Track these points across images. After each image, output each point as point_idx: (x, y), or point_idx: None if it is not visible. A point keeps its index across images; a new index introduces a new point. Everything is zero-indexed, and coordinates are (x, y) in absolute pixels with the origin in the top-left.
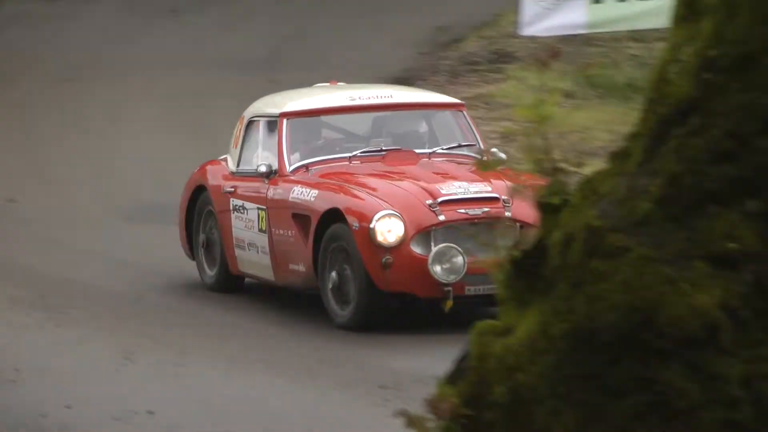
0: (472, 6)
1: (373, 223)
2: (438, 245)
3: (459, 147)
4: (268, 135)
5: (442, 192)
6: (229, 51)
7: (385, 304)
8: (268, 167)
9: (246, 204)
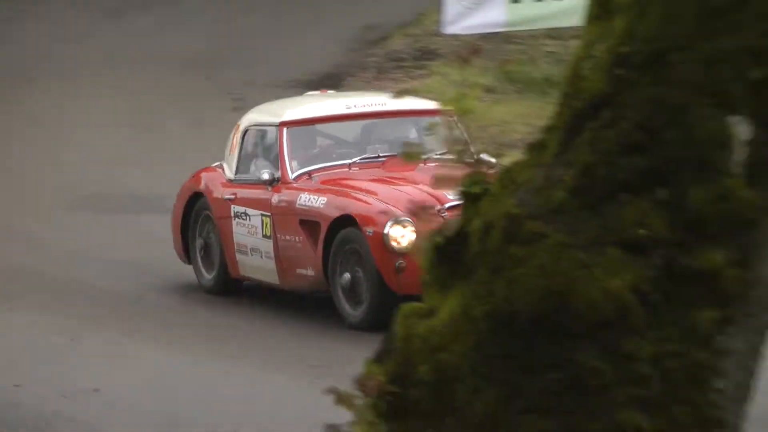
0: (397, 6)
1: (387, 229)
2: None
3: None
4: (266, 143)
5: (449, 198)
6: (171, 50)
7: (397, 304)
8: (270, 175)
9: (248, 210)
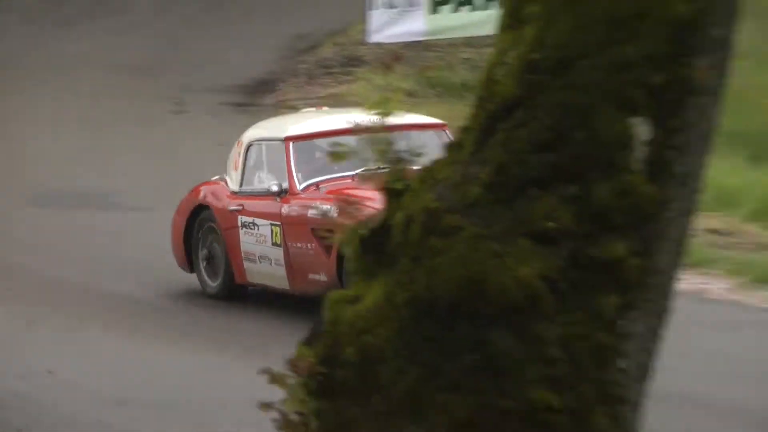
0: (326, 16)
1: None
2: None
3: None
4: (270, 157)
5: None
6: (118, 57)
7: None
8: (279, 186)
9: (257, 220)
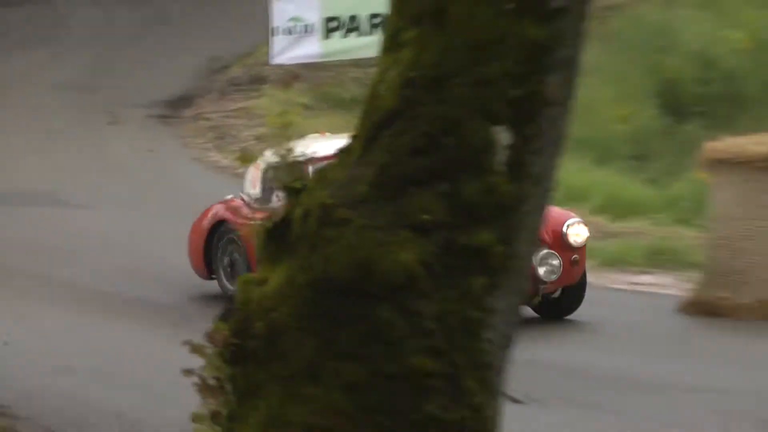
0: (235, 41)
1: None
2: None
3: None
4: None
5: None
6: (60, 76)
7: None
8: None
9: None
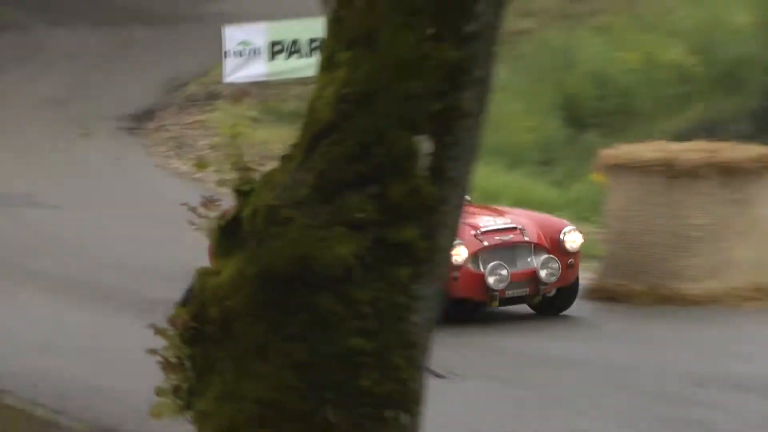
0: (192, 62)
1: None
2: (489, 263)
3: None
4: None
5: (480, 225)
6: (37, 92)
7: (450, 306)
8: None
9: None
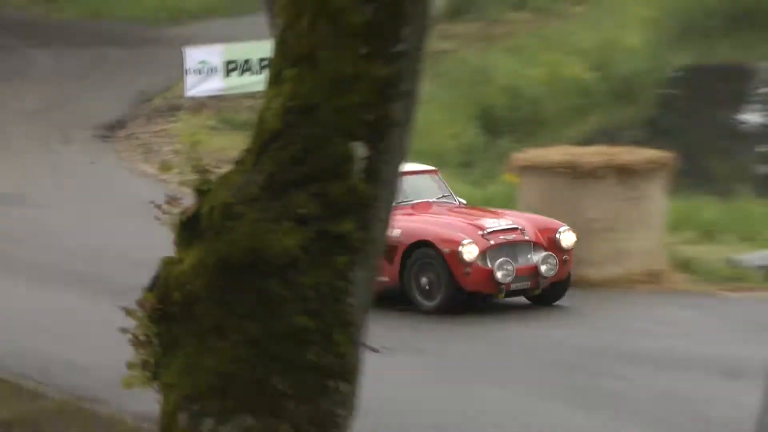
0: (158, 79)
1: (461, 248)
2: (496, 260)
3: (443, 197)
4: None
5: (486, 226)
6: (23, 104)
7: (461, 298)
8: None
9: None
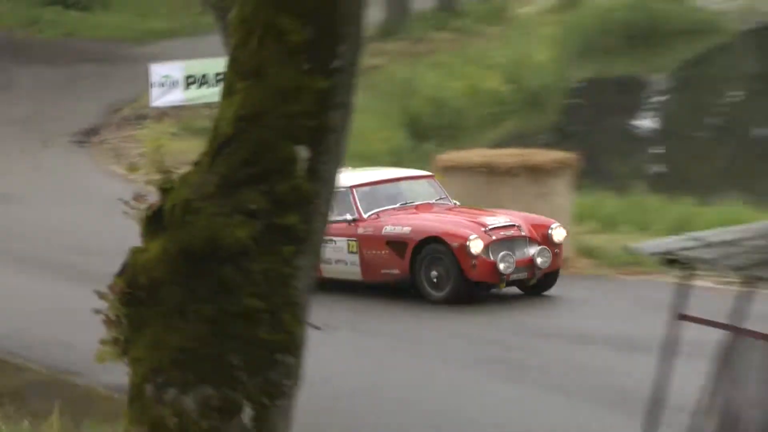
0: (126, 92)
1: (469, 243)
2: (499, 253)
3: (440, 199)
4: (340, 198)
5: (487, 223)
6: (8, 114)
7: (468, 289)
8: (352, 216)
9: (335, 238)
